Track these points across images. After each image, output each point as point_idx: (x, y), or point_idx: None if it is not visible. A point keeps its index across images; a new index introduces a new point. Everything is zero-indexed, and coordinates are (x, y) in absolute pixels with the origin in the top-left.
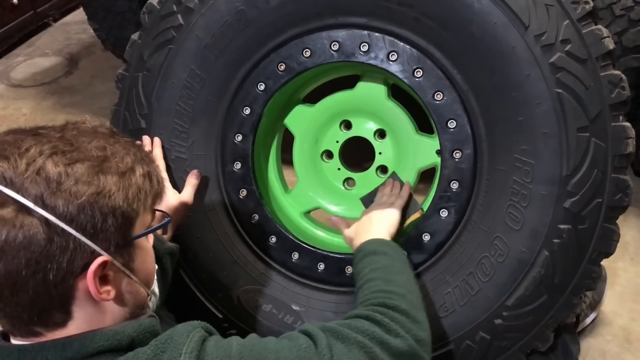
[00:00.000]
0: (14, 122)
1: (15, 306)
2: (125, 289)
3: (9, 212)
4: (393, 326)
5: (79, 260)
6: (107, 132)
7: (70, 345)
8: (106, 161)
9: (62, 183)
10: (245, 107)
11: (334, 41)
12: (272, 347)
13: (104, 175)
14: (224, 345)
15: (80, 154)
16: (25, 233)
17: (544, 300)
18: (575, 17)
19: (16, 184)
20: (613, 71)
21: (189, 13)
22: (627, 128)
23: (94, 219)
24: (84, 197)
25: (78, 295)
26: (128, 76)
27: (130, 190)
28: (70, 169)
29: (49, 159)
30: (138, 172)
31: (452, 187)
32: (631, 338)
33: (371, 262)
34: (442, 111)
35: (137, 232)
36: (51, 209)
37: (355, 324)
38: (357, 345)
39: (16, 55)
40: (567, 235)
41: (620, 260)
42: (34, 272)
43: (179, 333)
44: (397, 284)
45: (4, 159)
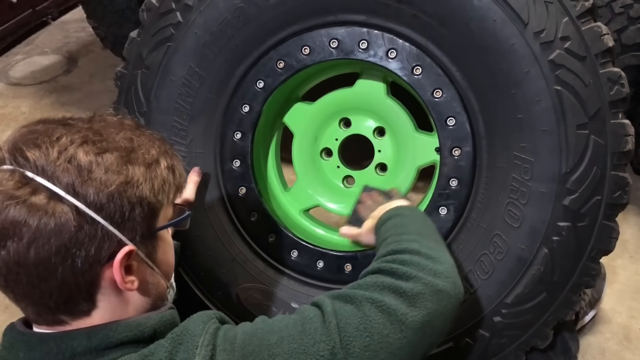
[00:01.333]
0: (12, 120)
1: (43, 293)
2: (148, 280)
3: (41, 199)
4: (403, 269)
5: (106, 249)
6: (132, 124)
7: (95, 334)
8: (133, 152)
9: (92, 172)
10: (244, 104)
11: (333, 38)
12: (276, 327)
13: (131, 166)
14: (230, 337)
15: (109, 144)
16: (56, 220)
17: (543, 297)
18: (574, 15)
19: (48, 172)
20: (612, 68)
21: (188, 10)
22: (627, 125)
23: (122, 208)
24: (113, 186)
25: (103, 284)
26: (127, 74)
27: (155, 181)
28: (100, 158)
29: (80, 148)
30: (163, 164)
31: (451, 184)
32: (630, 336)
33: (386, 227)
34: (441, 109)
35: (160, 224)
36: (82, 197)
37: (364, 281)
38: (366, 301)
39: (15, 53)
40: (566, 233)
41: (619, 258)
42: (63, 259)
43: (194, 324)
44: (408, 232)
45: (35, 147)
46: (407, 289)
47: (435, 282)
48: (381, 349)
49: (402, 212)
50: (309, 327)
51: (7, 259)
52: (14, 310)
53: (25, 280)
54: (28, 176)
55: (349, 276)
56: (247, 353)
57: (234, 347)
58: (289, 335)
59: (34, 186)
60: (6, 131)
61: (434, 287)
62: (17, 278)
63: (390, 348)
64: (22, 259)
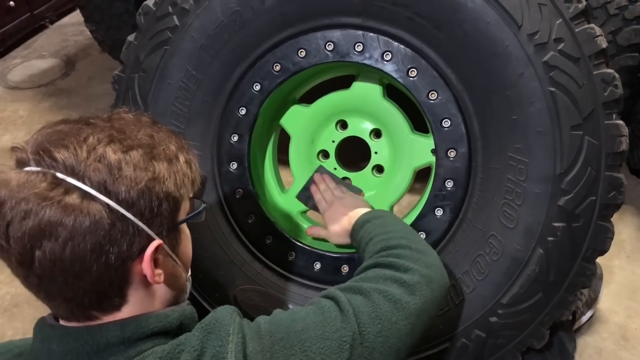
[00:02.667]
0: (11, 124)
1: (77, 291)
2: (172, 273)
3: (75, 199)
4: (400, 262)
5: (136, 244)
6: (149, 120)
7: (127, 325)
8: (155, 148)
9: (122, 169)
10: (241, 107)
11: (328, 41)
12: (298, 316)
13: (156, 162)
14: (254, 326)
15: (134, 142)
16: (91, 218)
17: (538, 298)
18: (568, 16)
19: (79, 172)
20: (606, 69)
21: (185, 14)
22: (621, 126)
23: (151, 204)
24: (142, 183)
25: (134, 279)
26: (124, 77)
27: (177, 175)
28: (127, 156)
29: (108, 147)
30: (182, 158)
31: (447, 186)
32: (627, 335)
33: (367, 229)
34: (436, 110)
35: (181, 217)
36: (114, 195)
37: (366, 275)
38: (374, 292)
39: (13, 57)
40: (562, 233)
41: (616, 258)
42: (97, 256)
43: (222, 315)
44: (394, 231)
45: (63, 147)
46: (407, 280)
47: (428, 273)
48: (391, 334)
49: (380, 214)
50: (329, 315)
51: (43, 259)
52: (15, 313)
53: (61, 279)
54: (59, 177)
55: (346, 277)
56: (277, 340)
57: (260, 335)
58: (312, 323)
59: (66, 186)
60: (4, 135)
61: (427, 277)
62: (52, 277)
63: (398, 333)
64: (58, 258)
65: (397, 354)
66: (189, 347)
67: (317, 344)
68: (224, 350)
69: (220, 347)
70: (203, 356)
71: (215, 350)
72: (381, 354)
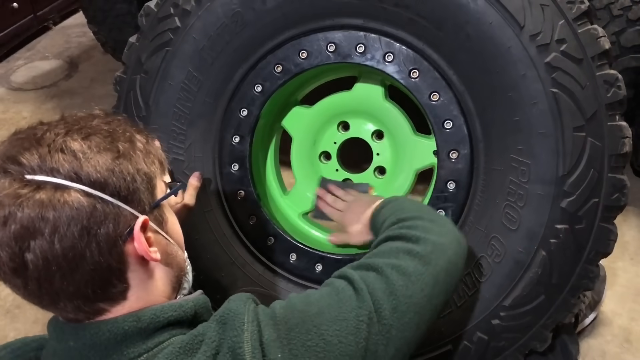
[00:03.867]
0: (14, 125)
1: (78, 284)
2: (167, 251)
3: (48, 192)
4: (412, 233)
5: (122, 224)
6: (101, 113)
7: (143, 314)
8: (114, 132)
9: (86, 153)
10: (243, 108)
11: (330, 42)
12: (312, 299)
13: (117, 142)
14: (269, 313)
15: (90, 130)
16: (70, 205)
17: (541, 300)
18: (570, 17)
19: (45, 168)
20: (609, 71)
21: (186, 15)
22: (624, 127)
23: (125, 181)
24: (109, 162)
25: (130, 261)
26: (126, 79)
27: (142, 153)
28: (88, 141)
29: (67, 137)
30: (142, 139)
31: (449, 187)
32: (631, 338)
33: (383, 214)
34: (438, 112)
35: (159, 196)
36: (85, 180)
37: (378, 250)
38: (387, 267)
39: (16, 58)
40: (564, 235)
41: (619, 260)
42: (87, 242)
43: (235, 305)
44: (406, 207)
45: (25, 150)
46: (419, 251)
47: (441, 241)
48: (408, 309)
49: (395, 198)
50: (343, 295)
51: (36, 260)
52: (17, 314)
53: (59, 275)
54: (27, 178)
55: None
56: (292, 325)
57: (276, 321)
58: (327, 305)
59: (36, 183)
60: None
61: (441, 246)
62: (50, 276)
63: (415, 307)
64: (50, 254)
65: (416, 327)
66: (208, 340)
67: (333, 326)
68: (239, 340)
69: (236, 337)
70: (221, 347)
71: (231, 341)
72: (399, 330)
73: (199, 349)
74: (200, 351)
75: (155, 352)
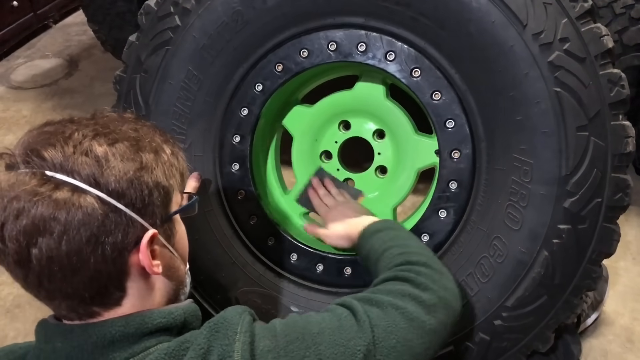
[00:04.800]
0: (14, 124)
1: (77, 285)
2: (169, 264)
3: (65, 193)
4: (420, 280)
5: (131, 235)
6: (132, 117)
7: (132, 320)
8: (141, 140)
9: (109, 161)
10: (243, 108)
11: (331, 41)
12: (313, 320)
13: (142, 153)
14: (269, 327)
15: (118, 135)
16: (83, 211)
17: (543, 300)
18: (573, 16)
19: (67, 168)
20: (612, 70)
21: (186, 14)
22: (627, 127)
23: (142, 194)
24: (130, 173)
25: (132, 271)
26: (126, 78)
27: (165, 166)
28: (114, 148)
29: (93, 140)
30: (167, 150)
31: (450, 187)
32: (633, 338)
33: (380, 238)
34: (440, 111)
35: (173, 209)
36: (103, 187)
37: (384, 287)
38: (391, 307)
39: (16, 57)
40: (567, 236)
41: (622, 260)
42: (93, 248)
43: (231, 315)
44: (412, 246)
45: (50, 146)
46: (426, 299)
47: (445, 296)
48: (405, 351)
49: (392, 225)
50: (345, 323)
51: (40, 256)
52: (16, 314)
53: (60, 275)
54: (48, 174)
55: (349, 279)
56: (291, 340)
57: (275, 334)
58: (328, 328)
59: (55, 182)
60: (7, 135)
61: (445, 300)
62: (51, 273)
63: (412, 351)
64: (54, 253)
65: None
66: (195, 345)
67: (330, 349)
68: (230, 349)
69: (227, 345)
70: (209, 354)
71: (222, 349)
72: None
73: (185, 355)
74: (186, 357)
75: (141, 357)
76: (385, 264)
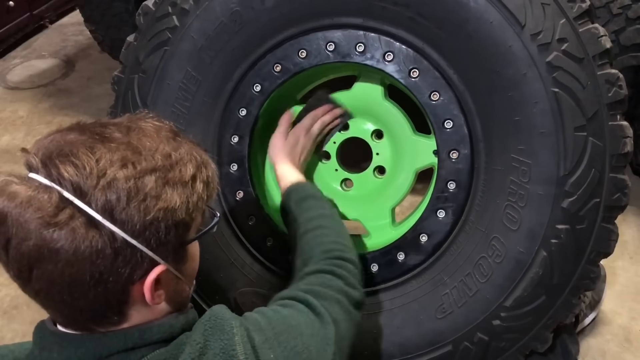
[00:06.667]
0: (10, 124)
1: (73, 309)
2: (174, 289)
3: (79, 225)
4: (351, 279)
5: (139, 270)
6: (170, 134)
7: (131, 336)
8: (171, 170)
9: (131, 199)
10: (242, 108)
11: (329, 42)
12: (287, 314)
13: (170, 188)
14: (253, 320)
15: (148, 164)
16: (94, 247)
17: (542, 301)
18: (571, 16)
19: (86, 195)
20: (610, 70)
21: (184, 14)
22: (625, 127)
23: (159, 233)
24: (152, 214)
25: (134, 300)
26: (124, 78)
27: (191, 199)
28: (140, 182)
29: (120, 172)
30: (199, 179)
31: (449, 187)
32: (631, 337)
33: (312, 207)
34: (438, 111)
35: (191, 235)
36: (120, 224)
37: (324, 280)
38: (334, 301)
39: (13, 57)
40: (565, 236)
41: (619, 259)
42: (96, 284)
43: (221, 312)
44: (344, 236)
45: (72, 164)
46: (354, 296)
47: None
48: (347, 341)
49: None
50: (311, 317)
51: (41, 279)
52: (14, 315)
53: (58, 297)
54: (65, 197)
55: None
56: (280, 331)
57: (261, 327)
58: (302, 321)
59: (71, 210)
60: (4, 135)
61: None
62: (49, 294)
63: (349, 340)
64: (56, 280)
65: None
66: (191, 341)
67: (312, 339)
68: (232, 343)
69: (228, 340)
70: (207, 349)
71: (223, 343)
72: (341, 357)
73: (182, 352)
74: (183, 354)
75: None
76: (317, 247)
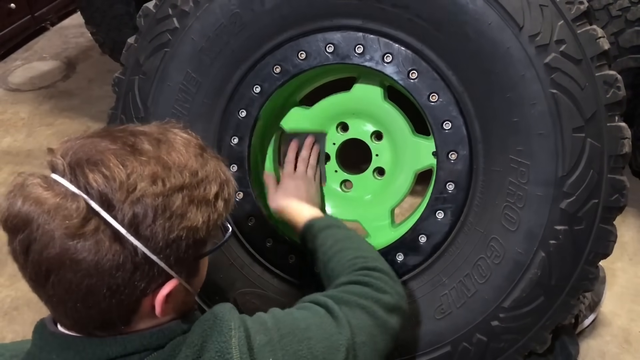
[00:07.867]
0: (11, 126)
1: (83, 316)
2: (182, 300)
3: (103, 238)
4: (380, 284)
5: (153, 284)
6: (198, 150)
7: (131, 342)
8: (197, 188)
9: (158, 216)
10: (241, 109)
11: (329, 43)
12: (298, 316)
13: (194, 207)
14: (259, 321)
15: (177, 182)
16: (115, 259)
17: (540, 301)
18: (569, 18)
19: (113, 208)
20: (608, 71)
21: (185, 16)
22: (623, 128)
23: (179, 251)
24: (175, 232)
25: (142, 310)
26: (124, 80)
27: (212, 217)
28: (168, 201)
29: (149, 188)
30: (221, 197)
31: (448, 188)
32: (630, 339)
33: (331, 236)
34: (437, 112)
35: (206, 249)
36: (144, 239)
37: (349, 289)
38: (357, 306)
39: (14, 59)
40: (564, 237)
41: (619, 261)
42: (112, 294)
43: (222, 311)
44: (366, 250)
45: (101, 174)
46: (386, 301)
47: (399, 299)
48: (372, 347)
49: (342, 224)
50: (325, 320)
51: (57, 285)
52: (14, 316)
53: (70, 304)
54: (92, 208)
55: None
56: (285, 333)
57: (267, 328)
58: (313, 324)
59: (97, 221)
60: (5, 137)
61: (399, 303)
62: (62, 299)
63: (376, 347)
64: (73, 288)
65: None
66: (189, 342)
67: (319, 344)
68: (228, 345)
69: (224, 342)
70: (204, 351)
71: (219, 345)
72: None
73: (179, 353)
74: (181, 353)
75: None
76: (341, 266)
